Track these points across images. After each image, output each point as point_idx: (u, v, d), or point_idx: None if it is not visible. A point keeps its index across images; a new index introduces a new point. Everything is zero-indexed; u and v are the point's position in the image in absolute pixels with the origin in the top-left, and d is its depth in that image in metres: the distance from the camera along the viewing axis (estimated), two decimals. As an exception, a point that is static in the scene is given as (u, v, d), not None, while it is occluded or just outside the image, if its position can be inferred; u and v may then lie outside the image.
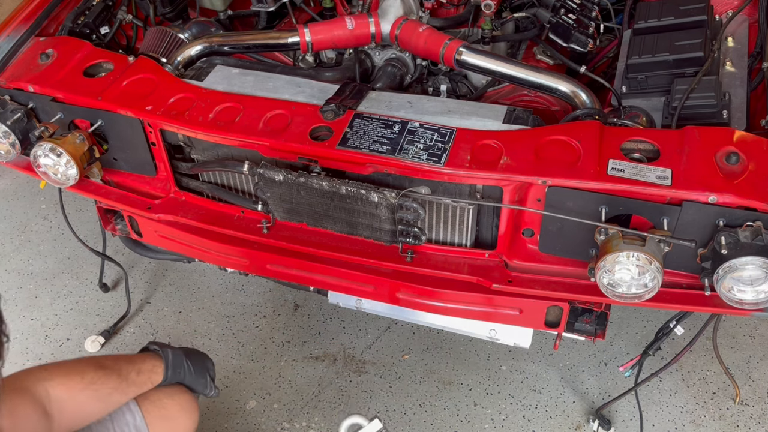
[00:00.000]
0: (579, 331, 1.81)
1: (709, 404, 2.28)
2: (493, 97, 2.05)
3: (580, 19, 1.97)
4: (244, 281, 2.73)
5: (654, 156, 1.48)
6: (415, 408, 2.32)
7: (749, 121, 1.62)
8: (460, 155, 1.53)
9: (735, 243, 1.35)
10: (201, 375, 1.72)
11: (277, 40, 1.97)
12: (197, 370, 1.71)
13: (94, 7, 2.10)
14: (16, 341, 2.56)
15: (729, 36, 1.84)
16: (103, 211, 2.12)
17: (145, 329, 2.59)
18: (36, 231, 3.01)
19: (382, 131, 1.60)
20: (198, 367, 1.72)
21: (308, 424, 2.30)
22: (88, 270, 2.80)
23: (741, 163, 1.41)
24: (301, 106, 1.69)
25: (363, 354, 2.48)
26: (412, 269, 1.70)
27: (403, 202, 1.58)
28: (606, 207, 1.45)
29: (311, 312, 2.62)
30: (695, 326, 1.93)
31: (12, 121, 1.78)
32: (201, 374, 1.72)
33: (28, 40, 1.95)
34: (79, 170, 1.76)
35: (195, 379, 1.71)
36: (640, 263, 1.39)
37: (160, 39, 2.11)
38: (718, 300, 1.45)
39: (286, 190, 1.69)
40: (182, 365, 1.68)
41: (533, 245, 1.63)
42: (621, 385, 2.31)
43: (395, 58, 2.03)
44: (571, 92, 1.70)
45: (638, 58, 1.75)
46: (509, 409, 2.30)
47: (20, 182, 3.24)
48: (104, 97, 1.75)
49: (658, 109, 1.71)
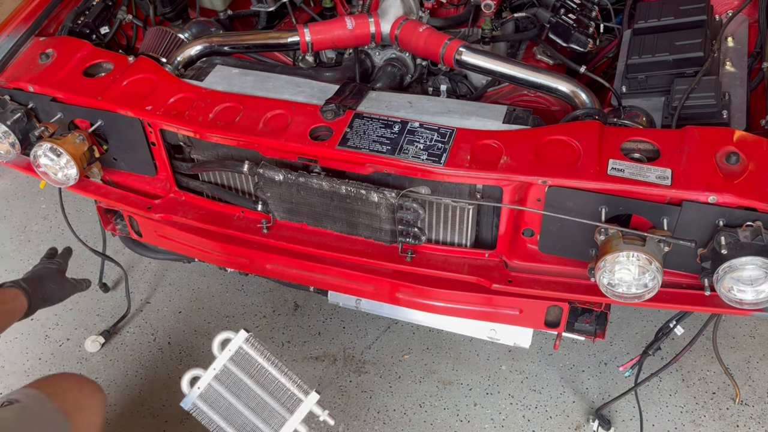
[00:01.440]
0: (579, 331, 1.81)
1: (709, 404, 2.28)
2: (493, 97, 2.05)
3: (580, 19, 1.97)
4: (244, 281, 2.73)
5: (654, 156, 1.48)
6: (415, 408, 2.32)
7: (749, 121, 1.62)
8: (460, 155, 1.53)
9: (735, 243, 1.35)
10: (61, 282, 1.86)
11: (277, 40, 1.97)
12: (55, 281, 1.85)
13: (94, 7, 2.10)
14: (16, 341, 2.56)
15: (729, 36, 1.84)
16: (103, 211, 2.12)
17: (145, 329, 2.60)
18: (36, 231, 3.02)
19: (382, 131, 1.60)
20: (53, 278, 1.85)
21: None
22: (88, 270, 2.80)
23: (741, 163, 1.41)
24: (301, 106, 1.69)
25: (363, 354, 2.48)
26: (412, 269, 1.70)
27: (403, 202, 1.58)
28: (606, 207, 1.45)
29: (311, 312, 2.62)
30: (695, 326, 1.93)
31: (12, 121, 1.78)
32: (61, 282, 1.86)
33: (28, 40, 1.95)
34: (79, 170, 1.77)
35: (60, 289, 1.85)
36: (640, 263, 1.39)
37: (160, 39, 2.11)
38: (718, 300, 1.45)
39: (286, 190, 1.69)
40: (39, 285, 1.79)
41: (533, 245, 1.63)
42: (621, 385, 2.31)
43: (395, 58, 2.03)
44: (571, 92, 1.70)
45: (638, 58, 1.75)
46: (509, 409, 2.30)
47: (20, 182, 3.25)
48: (104, 97, 1.75)
49: (658, 109, 1.71)
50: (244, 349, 1.58)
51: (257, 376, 1.57)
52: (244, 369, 1.57)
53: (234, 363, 1.57)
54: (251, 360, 1.57)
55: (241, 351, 1.58)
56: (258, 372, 1.57)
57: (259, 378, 1.57)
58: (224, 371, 1.57)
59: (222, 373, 1.57)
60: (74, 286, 1.91)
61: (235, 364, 1.57)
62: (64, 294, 1.87)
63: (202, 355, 2.49)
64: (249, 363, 1.57)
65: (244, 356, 1.58)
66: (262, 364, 1.57)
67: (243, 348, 1.58)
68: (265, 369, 1.57)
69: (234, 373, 1.57)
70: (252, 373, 1.57)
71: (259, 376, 1.57)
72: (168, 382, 2.42)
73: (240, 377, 1.57)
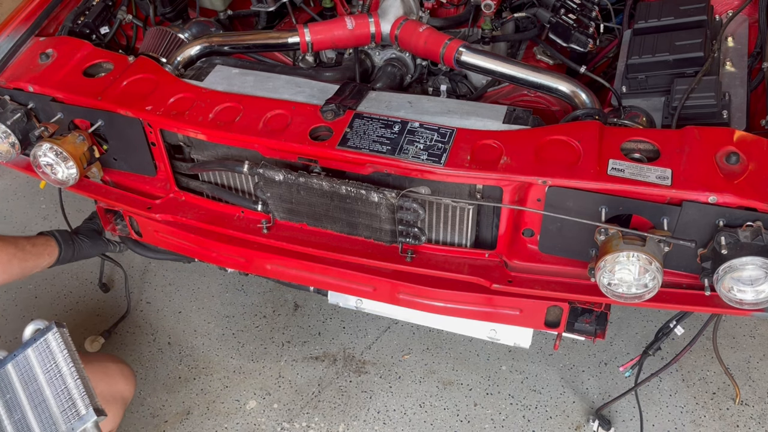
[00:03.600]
0: (579, 331, 1.81)
1: (709, 404, 2.28)
2: (493, 97, 2.05)
3: (580, 19, 1.97)
4: (244, 281, 2.73)
5: (654, 156, 1.48)
6: (415, 408, 2.32)
7: (749, 121, 1.62)
8: (460, 155, 1.53)
9: (735, 243, 1.35)
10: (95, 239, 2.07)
11: (277, 40, 1.97)
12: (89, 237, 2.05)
13: (94, 7, 2.10)
14: (16, 341, 2.56)
15: (729, 36, 1.84)
16: (103, 211, 2.12)
17: (145, 329, 2.60)
18: (36, 231, 3.01)
19: (382, 131, 1.60)
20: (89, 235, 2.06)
21: (308, 424, 2.30)
22: (88, 270, 2.80)
23: (741, 163, 1.41)
24: (301, 106, 1.69)
25: (363, 354, 2.48)
26: (412, 269, 1.70)
27: (403, 202, 1.58)
28: (606, 207, 1.45)
29: (311, 312, 2.62)
30: (695, 326, 1.93)
31: (12, 121, 1.78)
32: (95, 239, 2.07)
33: (28, 40, 1.95)
34: (79, 170, 1.76)
35: (92, 244, 2.06)
36: (641, 263, 1.39)
37: (160, 39, 2.11)
38: (718, 300, 1.45)
39: (286, 190, 1.69)
40: (71, 238, 1.98)
41: (533, 245, 1.63)
42: (621, 385, 2.31)
43: (395, 58, 2.03)
44: (571, 92, 1.70)
45: (638, 58, 1.75)
46: (509, 409, 2.30)
47: (20, 182, 3.24)
48: (104, 97, 1.75)
49: (658, 109, 1.71)
50: (50, 343, 1.44)
51: (51, 374, 1.42)
52: (42, 363, 1.43)
53: (36, 353, 1.44)
54: (52, 356, 1.43)
55: (45, 343, 1.44)
56: (53, 371, 1.43)
57: (52, 377, 1.42)
58: (23, 359, 1.44)
59: (20, 360, 1.44)
60: (106, 245, 2.12)
61: (36, 354, 1.44)
62: (95, 250, 2.08)
63: (202, 355, 2.49)
64: (49, 358, 1.43)
65: (47, 350, 1.44)
66: (60, 363, 1.42)
67: (49, 341, 1.44)
68: (60, 369, 1.42)
69: (31, 365, 1.43)
70: (47, 369, 1.42)
71: (53, 376, 1.42)
72: (168, 382, 2.42)
73: (35, 371, 1.43)
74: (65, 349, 1.43)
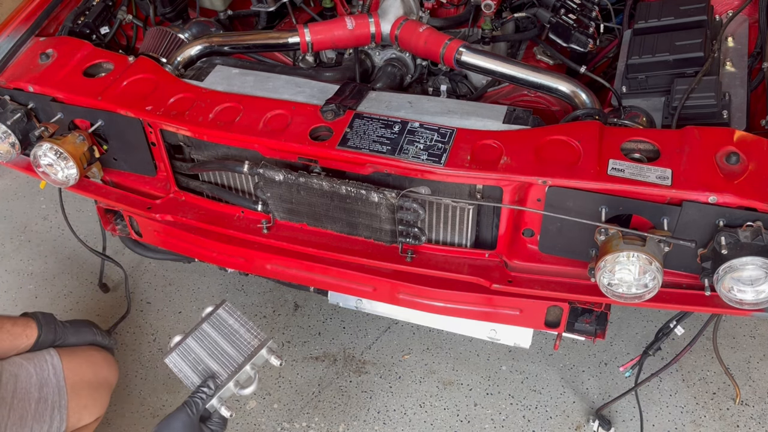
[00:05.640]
0: (579, 331, 1.81)
1: (709, 404, 2.28)
2: (493, 97, 2.05)
3: (580, 19, 1.97)
4: (244, 281, 2.73)
5: (654, 156, 1.48)
6: (415, 408, 2.32)
7: (749, 121, 1.62)
8: (460, 155, 1.53)
9: (735, 243, 1.35)
10: (81, 327, 1.98)
11: (277, 40, 1.97)
12: (74, 325, 1.97)
13: (94, 7, 2.10)
14: (16, 341, 2.56)
15: (729, 36, 1.84)
16: (103, 211, 2.12)
17: (145, 329, 2.60)
18: (36, 231, 3.02)
19: (382, 131, 1.60)
20: (75, 324, 1.98)
21: (308, 425, 2.30)
22: (88, 270, 2.80)
23: (741, 163, 1.41)
24: (301, 106, 1.69)
25: (363, 354, 2.48)
26: (412, 269, 1.70)
27: (403, 203, 1.58)
28: (606, 207, 1.45)
29: (311, 312, 2.62)
30: (695, 326, 1.93)
31: (12, 121, 1.78)
32: (80, 327, 1.98)
33: (28, 40, 1.95)
34: (79, 170, 1.77)
35: (76, 332, 1.96)
36: (641, 263, 1.39)
37: (160, 39, 2.11)
38: (718, 300, 1.45)
39: (286, 190, 1.69)
40: (54, 322, 1.92)
41: (533, 245, 1.63)
42: (621, 385, 2.31)
43: (395, 58, 2.03)
44: (571, 92, 1.70)
45: (638, 58, 1.75)
46: (509, 410, 2.30)
47: (20, 182, 3.25)
48: (104, 97, 1.75)
49: (658, 109, 1.71)
50: (219, 314, 1.77)
51: (224, 332, 1.74)
52: (216, 328, 1.75)
53: (210, 325, 1.75)
54: (224, 322, 1.75)
55: (217, 316, 1.77)
56: (226, 329, 1.75)
57: (223, 331, 1.74)
58: (200, 332, 1.75)
59: (198, 333, 1.75)
60: (93, 336, 2.00)
61: (210, 325, 1.75)
62: (79, 338, 1.97)
63: (202, 355, 2.49)
64: (222, 324, 1.75)
65: (219, 319, 1.76)
66: (231, 323, 1.75)
67: (218, 313, 1.77)
68: (230, 325, 1.75)
69: (207, 333, 1.74)
70: (221, 330, 1.74)
71: (224, 331, 1.74)
72: (168, 382, 2.42)
73: (211, 335, 1.74)
74: (235, 314, 1.77)
